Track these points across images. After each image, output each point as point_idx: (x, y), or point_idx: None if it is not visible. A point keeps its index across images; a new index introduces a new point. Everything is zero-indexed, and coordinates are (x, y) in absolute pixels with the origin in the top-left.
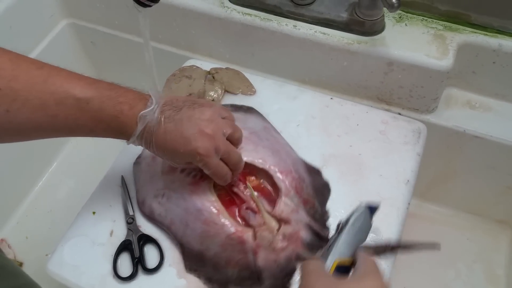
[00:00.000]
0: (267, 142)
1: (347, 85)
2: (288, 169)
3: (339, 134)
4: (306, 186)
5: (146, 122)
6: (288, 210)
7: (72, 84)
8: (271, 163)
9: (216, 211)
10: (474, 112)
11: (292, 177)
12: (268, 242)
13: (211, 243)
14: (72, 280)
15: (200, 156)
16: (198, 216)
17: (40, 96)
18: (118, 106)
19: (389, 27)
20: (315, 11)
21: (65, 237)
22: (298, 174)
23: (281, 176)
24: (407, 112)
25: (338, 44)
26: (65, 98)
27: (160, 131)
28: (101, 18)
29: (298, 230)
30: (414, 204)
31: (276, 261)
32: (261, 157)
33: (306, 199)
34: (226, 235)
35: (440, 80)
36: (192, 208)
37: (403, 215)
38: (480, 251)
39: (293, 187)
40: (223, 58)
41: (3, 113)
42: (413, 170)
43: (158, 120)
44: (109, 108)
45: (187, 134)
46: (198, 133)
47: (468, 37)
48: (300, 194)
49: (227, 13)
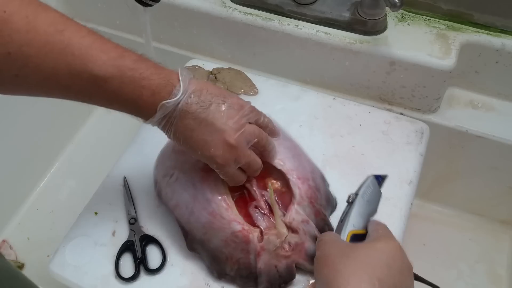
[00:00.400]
0: (289, 143)
1: (349, 85)
2: (306, 176)
3: (341, 134)
4: (320, 196)
5: (167, 112)
6: (298, 219)
7: (93, 57)
8: (290, 167)
9: (225, 205)
10: (477, 112)
11: (308, 185)
12: (274, 247)
13: (214, 236)
14: (73, 280)
15: (217, 165)
16: (205, 206)
17: (53, 66)
18: (138, 90)
19: (391, 26)
20: (317, 11)
21: (67, 238)
22: (315, 182)
23: (298, 182)
24: (409, 112)
25: (340, 43)
26: (81, 72)
27: (181, 125)
28: (103, 18)
29: (304, 241)
30: (417, 204)
31: (277, 267)
32: (281, 158)
33: (318, 210)
34: (231, 232)
35: (443, 80)
36: (201, 196)
37: (405, 215)
38: (482, 251)
39: (308, 196)
40: (225, 58)
41: (12, 77)
42: (415, 170)
43: (181, 113)
44: (127, 91)
45: (209, 138)
46: (220, 142)
47: (470, 37)
48: (313, 204)
49: (228, 12)
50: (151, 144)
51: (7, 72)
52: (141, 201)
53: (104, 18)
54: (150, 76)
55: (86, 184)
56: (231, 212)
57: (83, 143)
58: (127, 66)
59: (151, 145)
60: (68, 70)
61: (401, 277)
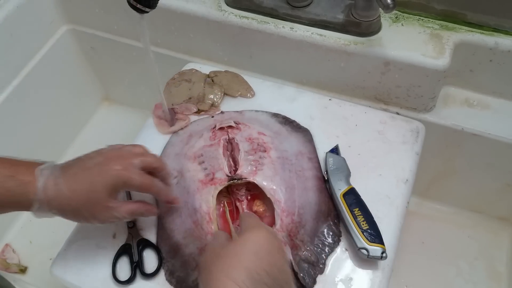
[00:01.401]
0: (288, 173)
1: (345, 85)
2: (292, 211)
3: (338, 134)
4: (303, 233)
5: (47, 174)
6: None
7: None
8: (279, 198)
9: (208, 218)
10: (472, 110)
11: (291, 220)
12: None
13: (192, 243)
14: (75, 283)
15: (120, 174)
16: (192, 213)
17: None
18: (14, 167)
19: (385, 27)
20: (312, 13)
21: (69, 241)
22: (300, 218)
23: (283, 214)
24: (405, 112)
25: (335, 45)
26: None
27: (69, 176)
28: (101, 23)
29: None
30: (415, 203)
31: None
32: (273, 188)
33: (296, 245)
34: (206, 243)
35: (437, 79)
36: (191, 204)
37: (402, 214)
38: (481, 248)
39: (288, 229)
40: (221, 61)
41: None
42: (411, 169)
43: (61, 168)
44: (3, 170)
45: (99, 161)
46: (107, 159)
47: (464, 36)
48: (292, 238)
49: (224, 16)
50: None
51: None
52: None
53: (102, 23)
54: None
55: None
56: (211, 226)
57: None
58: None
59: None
60: None
61: (270, 259)
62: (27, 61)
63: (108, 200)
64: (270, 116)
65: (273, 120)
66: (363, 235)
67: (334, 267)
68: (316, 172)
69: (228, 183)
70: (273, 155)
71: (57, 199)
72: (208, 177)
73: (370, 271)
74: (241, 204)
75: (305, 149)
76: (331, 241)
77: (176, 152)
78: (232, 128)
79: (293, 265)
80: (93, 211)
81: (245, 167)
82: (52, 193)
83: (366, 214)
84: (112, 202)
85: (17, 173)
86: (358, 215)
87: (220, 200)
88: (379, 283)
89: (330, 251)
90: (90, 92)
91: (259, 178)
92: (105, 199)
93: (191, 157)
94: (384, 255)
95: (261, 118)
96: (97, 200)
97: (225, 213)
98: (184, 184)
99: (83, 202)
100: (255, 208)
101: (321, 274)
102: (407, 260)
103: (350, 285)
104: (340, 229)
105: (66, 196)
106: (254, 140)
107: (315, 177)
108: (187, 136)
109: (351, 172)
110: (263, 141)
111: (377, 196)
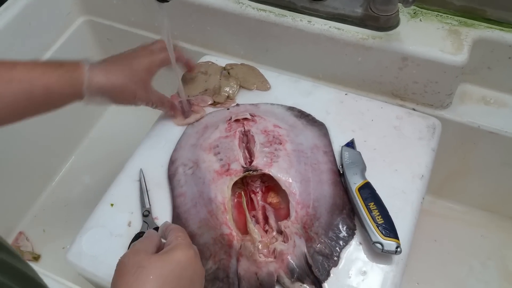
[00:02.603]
0: (303, 166)
1: (361, 80)
2: (306, 203)
3: (353, 129)
4: (317, 225)
5: (91, 62)
6: (293, 229)
7: None
8: (294, 190)
9: (223, 208)
10: (489, 108)
11: (306, 212)
12: (250, 253)
13: (207, 232)
14: (90, 270)
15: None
16: (207, 204)
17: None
18: (59, 63)
19: (403, 22)
20: (330, 7)
21: (84, 228)
22: (315, 211)
23: (297, 206)
24: (421, 108)
25: (353, 39)
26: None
27: (110, 60)
28: (118, 15)
29: (289, 253)
30: (428, 201)
31: (257, 274)
32: (289, 180)
33: (311, 237)
34: (220, 233)
35: (455, 75)
36: (206, 194)
37: (417, 210)
38: (494, 248)
39: (303, 221)
40: (237, 54)
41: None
42: (427, 165)
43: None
44: (52, 64)
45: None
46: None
47: (483, 32)
48: (306, 230)
49: (242, 9)
50: (166, 137)
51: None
52: (155, 193)
53: (119, 15)
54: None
55: (100, 179)
56: (226, 216)
57: (98, 138)
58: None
59: (166, 138)
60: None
61: (190, 285)
62: (44, 51)
63: (147, 77)
64: (286, 109)
65: (288, 113)
66: (378, 229)
67: (348, 260)
68: (331, 165)
69: (243, 174)
70: (289, 148)
71: (106, 79)
72: (223, 168)
73: (384, 266)
74: (255, 196)
75: (321, 143)
76: (345, 235)
77: (192, 143)
78: (248, 120)
79: (307, 258)
80: (135, 87)
81: (260, 158)
82: (101, 73)
83: (381, 208)
84: (150, 81)
85: (65, 64)
86: (373, 209)
87: (235, 191)
88: (392, 277)
89: (344, 244)
90: None
91: (274, 170)
92: (145, 76)
93: (207, 148)
94: (399, 250)
95: (277, 111)
96: (139, 76)
97: (242, 203)
98: (200, 175)
99: (128, 78)
100: (270, 199)
101: (335, 267)
102: (419, 258)
103: (364, 278)
104: (355, 223)
105: (113, 73)
106: (270, 132)
107: (330, 171)
108: (203, 127)
109: (367, 166)
110: (278, 133)
111: (393, 191)
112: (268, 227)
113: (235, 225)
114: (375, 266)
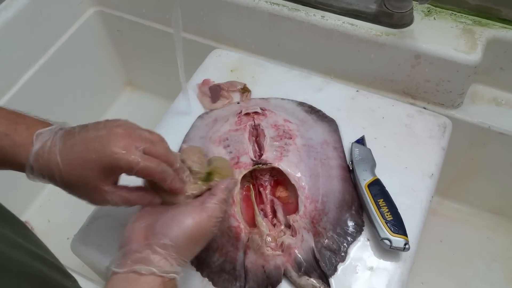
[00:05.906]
0: (313, 161)
1: (373, 78)
2: (315, 198)
3: (364, 126)
4: (325, 220)
5: (44, 140)
6: (301, 224)
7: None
8: (303, 184)
9: (231, 201)
10: (500, 109)
11: (314, 207)
12: (257, 246)
13: None
14: (96, 259)
15: (116, 155)
16: None
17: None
18: (13, 125)
19: (417, 20)
20: (344, 2)
21: (92, 217)
22: (323, 206)
23: (305, 201)
24: (432, 107)
25: (366, 35)
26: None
27: (66, 146)
28: (129, 6)
29: (297, 247)
30: (436, 201)
31: (264, 267)
32: (298, 174)
33: (319, 232)
34: (228, 225)
35: (467, 75)
36: None
37: (426, 208)
38: (499, 250)
39: (311, 216)
40: (248, 49)
41: None
42: (437, 164)
43: (62, 136)
44: (1, 126)
45: (102, 135)
46: (110, 134)
47: (497, 32)
48: (314, 225)
49: (255, 2)
50: (175, 130)
51: None
52: None
53: (130, 6)
54: (25, 117)
55: None
56: (234, 209)
57: None
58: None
59: (175, 130)
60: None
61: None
62: (54, 40)
63: (100, 182)
64: (296, 104)
65: (299, 108)
66: (387, 225)
67: (355, 256)
68: (341, 161)
69: (252, 168)
70: (299, 143)
71: (49, 170)
72: (233, 160)
73: (391, 262)
74: (264, 189)
75: (331, 139)
76: (353, 230)
77: (201, 136)
78: (258, 114)
79: (314, 252)
80: (84, 190)
81: (270, 152)
82: (44, 162)
83: (391, 205)
84: (105, 185)
85: (15, 133)
86: (382, 206)
87: (244, 184)
88: (400, 274)
89: (352, 240)
90: (114, 76)
91: (284, 164)
92: (97, 180)
93: (216, 140)
94: (407, 247)
95: (287, 106)
96: (89, 179)
97: (250, 196)
98: None
99: (76, 178)
100: (278, 194)
101: (342, 263)
102: (424, 258)
103: (371, 274)
104: (363, 219)
105: (58, 168)
106: (280, 127)
107: (339, 167)
108: (212, 120)
109: (376, 163)
110: (288, 128)
111: (402, 189)
112: (276, 221)
113: (243, 218)
114: (382, 262)
